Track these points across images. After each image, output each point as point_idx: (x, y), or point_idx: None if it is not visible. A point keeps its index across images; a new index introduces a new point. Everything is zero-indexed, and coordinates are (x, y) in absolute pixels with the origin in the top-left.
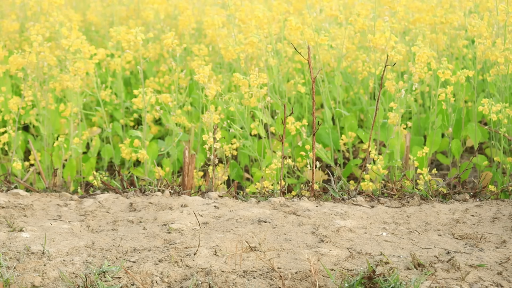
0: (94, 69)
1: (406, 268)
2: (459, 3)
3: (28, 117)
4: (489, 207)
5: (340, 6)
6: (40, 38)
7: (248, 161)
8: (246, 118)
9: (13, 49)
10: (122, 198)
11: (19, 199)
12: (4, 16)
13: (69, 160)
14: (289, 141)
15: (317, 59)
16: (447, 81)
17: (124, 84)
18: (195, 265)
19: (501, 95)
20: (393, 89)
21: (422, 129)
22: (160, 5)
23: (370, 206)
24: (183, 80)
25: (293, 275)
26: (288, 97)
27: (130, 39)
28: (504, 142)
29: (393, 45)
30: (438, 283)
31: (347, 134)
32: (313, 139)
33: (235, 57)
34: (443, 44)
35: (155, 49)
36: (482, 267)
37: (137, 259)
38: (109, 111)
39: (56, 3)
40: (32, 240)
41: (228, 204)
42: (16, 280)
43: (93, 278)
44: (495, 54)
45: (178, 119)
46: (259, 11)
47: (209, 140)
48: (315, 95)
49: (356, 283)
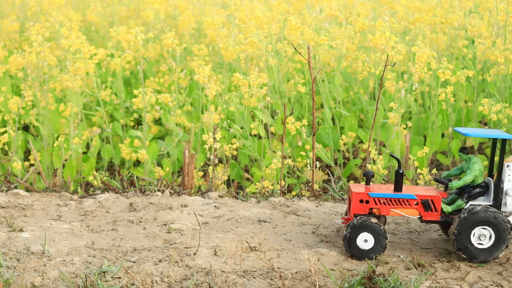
0: (94, 69)
1: (406, 268)
2: (459, 3)
3: (28, 117)
4: None
5: (340, 6)
6: (40, 38)
7: (248, 161)
8: (246, 118)
9: (13, 49)
10: (122, 198)
11: (19, 199)
12: (4, 16)
13: (69, 160)
14: (289, 141)
15: (317, 59)
16: (447, 81)
17: (124, 84)
18: (195, 265)
19: (501, 95)
20: (393, 89)
21: (422, 129)
22: (160, 5)
23: None
24: (183, 80)
25: (293, 275)
26: (288, 97)
27: (130, 39)
28: None
29: (393, 45)
30: (438, 283)
31: (347, 134)
32: (313, 139)
33: (235, 57)
34: (443, 44)
35: (155, 49)
36: (482, 267)
37: (137, 259)
38: (109, 111)
39: (56, 3)
40: (32, 240)
41: (228, 204)
42: (16, 280)
43: (93, 278)
44: (495, 54)
45: (178, 119)
46: (259, 11)
47: (209, 140)
48: (315, 95)
49: (356, 283)
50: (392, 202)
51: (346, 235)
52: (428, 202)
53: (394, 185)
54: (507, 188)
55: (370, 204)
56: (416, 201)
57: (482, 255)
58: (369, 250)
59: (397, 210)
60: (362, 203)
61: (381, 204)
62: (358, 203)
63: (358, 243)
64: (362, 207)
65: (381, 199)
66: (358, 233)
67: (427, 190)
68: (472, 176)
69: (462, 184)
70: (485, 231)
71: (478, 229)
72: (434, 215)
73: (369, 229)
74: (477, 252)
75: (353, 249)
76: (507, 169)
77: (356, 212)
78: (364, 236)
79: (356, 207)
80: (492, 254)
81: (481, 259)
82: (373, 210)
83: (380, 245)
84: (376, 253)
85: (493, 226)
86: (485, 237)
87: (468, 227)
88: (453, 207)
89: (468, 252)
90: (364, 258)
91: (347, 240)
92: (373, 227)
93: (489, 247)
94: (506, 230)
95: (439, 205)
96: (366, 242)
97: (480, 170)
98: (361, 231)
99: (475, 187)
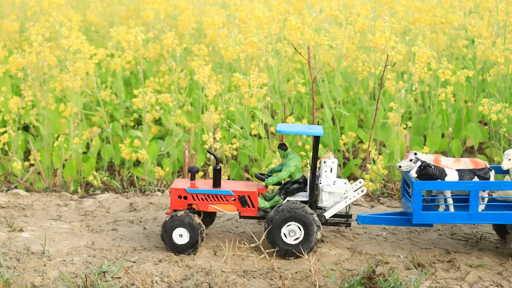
0: (94, 69)
1: (406, 268)
2: (459, 3)
3: (28, 117)
4: None
5: (340, 6)
6: (40, 38)
7: (248, 161)
8: (246, 118)
9: (13, 49)
10: (122, 198)
11: (19, 199)
12: (4, 16)
13: (69, 160)
14: (289, 141)
15: (317, 59)
16: (447, 81)
17: (124, 84)
18: (195, 265)
19: (501, 95)
20: (393, 89)
21: (422, 129)
22: (160, 5)
23: (370, 206)
24: (183, 80)
25: (293, 275)
26: (288, 97)
27: (130, 39)
28: (504, 142)
29: (393, 45)
30: (438, 283)
31: (347, 134)
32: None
33: (235, 57)
34: (443, 44)
35: (155, 49)
36: (482, 267)
37: (137, 259)
38: (109, 111)
39: (56, 3)
40: (32, 240)
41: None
42: (16, 280)
43: (93, 278)
44: (495, 54)
45: (178, 119)
46: (259, 11)
47: (209, 140)
48: (315, 95)
49: (356, 283)
50: (210, 198)
51: (162, 230)
52: (244, 198)
53: (212, 181)
54: (323, 184)
55: (189, 200)
56: (234, 197)
57: (293, 250)
58: (184, 245)
59: (216, 206)
60: (181, 199)
61: (199, 200)
62: (176, 198)
63: (174, 238)
64: (180, 203)
65: (199, 195)
66: (173, 228)
67: (247, 186)
68: (287, 172)
69: (277, 180)
70: (294, 226)
71: (287, 225)
72: (251, 210)
73: (184, 225)
74: (284, 246)
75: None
76: (324, 165)
77: (175, 208)
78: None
79: (175, 202)
80: (303, 249)
81: (293, 254)
82: (192, 205)
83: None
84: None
85: (301, 222)
86: (294, 233)
87: (278, 223)
88: (271, 203)
89: (274, 244)
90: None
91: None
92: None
93: (299, 242)
94: (313, 224)
95: (256, 201)
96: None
97: (297, 166)
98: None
99: (293, 183)
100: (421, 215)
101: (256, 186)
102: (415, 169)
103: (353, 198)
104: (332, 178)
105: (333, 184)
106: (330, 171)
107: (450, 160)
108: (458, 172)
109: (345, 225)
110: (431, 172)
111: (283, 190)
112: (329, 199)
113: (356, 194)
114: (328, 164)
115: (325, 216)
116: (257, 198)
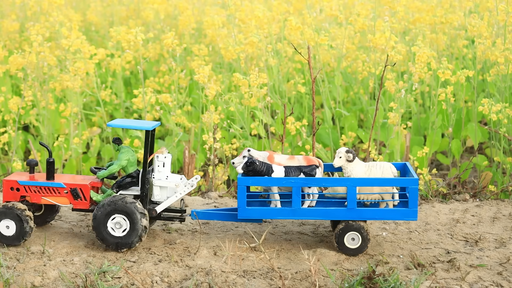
0: (94, 69)
1: (406, 268)
2: (459, 3)
3: (28, 117)
4: (489, 207)
5: (340, 6)
6: (40, 38)
7: None
8: (246, 118)
9: (13, 49)
10: None
11: None
12: (4, 16)
13: (69, 160)
14: (289, 141)
15: (317, 59)
16: (447, 81)
17: (124, 84)
18: (195, 265)
19: (501, 95)
20: (393, 89)
21: (422, 129)
22: (160, 5)
23: None
24: (183, 80)
25: (293, 275)
26: (288, 97)
27: (130, 39)
28: (504, 142)
29: (393, 45)
30: (438, 283)
31: (347, 134)
32: (313, 139)
33: (235, 57)
34: (443, 44)
35: (155, 49)
36: (482, 267)
37: (137, 259)
38: (109, 111)
39: (56, 3)
40: (32, 240)
41: (228, 204)
42: (16, 280)
43: (93, 278)
44: (495, 54)
45: (178, 119)
46: (259, 11)
47: (209, 140)
48: (315, 95)
49: (356, 283)
50: (42, 190)
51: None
52: (76, 191)
53: (46, 173)
54: (155, 179)
55: (21, 192)
56: (66, 189)
57: (119, 242)
58: (11, 236)
59: (48, 198)
60: (13, 191)
61: (32, 192)
62: (8, 190)
63: (1, 230)
64: (13, 195)
65: (32, 187)
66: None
67: (83, 180)
68: (118, 166)
69: (108, 174)
70: (119, 218)
71: (111, 218)
72: (83, 203)
73: (11, 216)
74: (113, 239)
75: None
76: (156, 160)
77: (8, 200)
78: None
79: (7, 194)
80: (132, 238)
81: (125, 246)
82: (26, 197)
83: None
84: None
85: (124, 213)
86: (120, 225)
87: (102, 218)
88: (104, 196)
89: (105, 240)
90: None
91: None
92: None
93: (128, 232)
94: (135, 213)
95: (88, 194)
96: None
97: (129, 160)
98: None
99: (127, 177)
100: (246, 210)
101: (90, 180)
102: (241, 165)
103: (183, 192)
104: (165, 173)
105: (166, 178)
106: (163, 166)
107: (283, 157)
108: (285, 169)
109: (179, 220)
110: (258, 168)
111: (115, 183)
112: (161, 193)
113: (186, 189)
114: (161, 159)
115: (157, 210)
116: (88, 191)
